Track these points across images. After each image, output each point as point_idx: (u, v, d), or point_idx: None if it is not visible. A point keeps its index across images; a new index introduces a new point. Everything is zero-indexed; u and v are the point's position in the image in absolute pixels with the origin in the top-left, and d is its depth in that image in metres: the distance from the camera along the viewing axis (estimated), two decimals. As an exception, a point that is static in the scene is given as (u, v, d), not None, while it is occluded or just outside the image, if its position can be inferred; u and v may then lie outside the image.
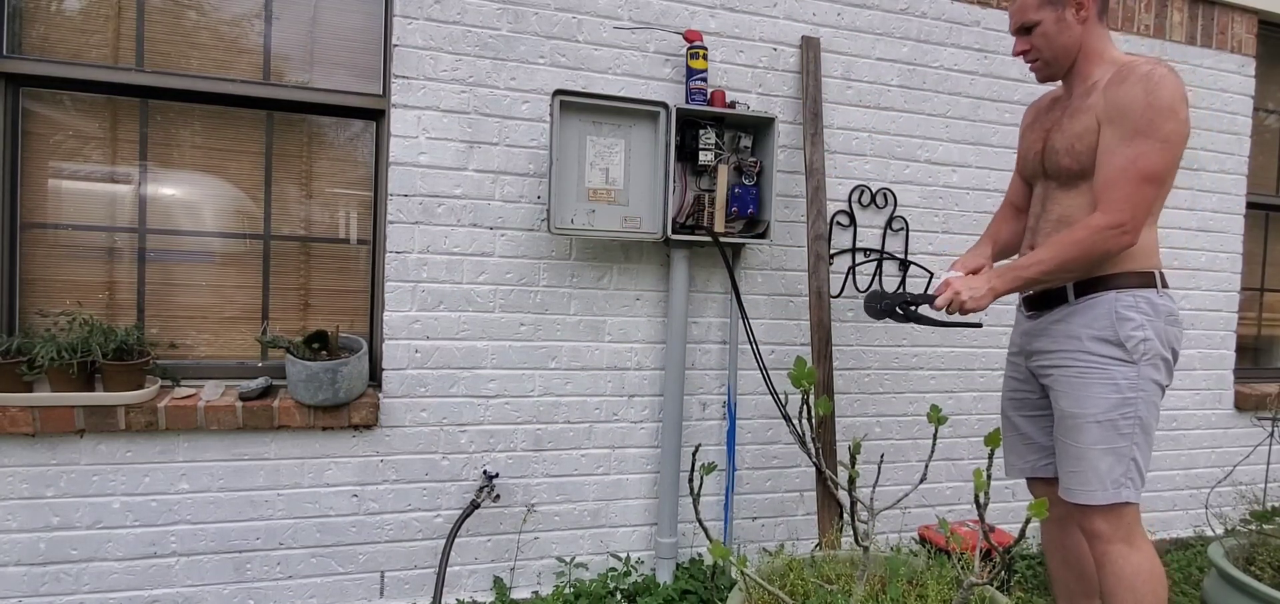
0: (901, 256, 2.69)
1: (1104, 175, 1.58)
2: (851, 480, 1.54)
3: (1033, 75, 1.80)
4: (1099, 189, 1.59)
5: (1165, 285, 1.67)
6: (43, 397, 1.97)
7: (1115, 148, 1.56)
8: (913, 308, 1.71)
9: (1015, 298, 1.92)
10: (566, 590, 2.36)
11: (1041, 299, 1.76)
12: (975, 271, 1.81)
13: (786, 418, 2.48)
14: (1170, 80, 1.53)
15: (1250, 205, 3.18)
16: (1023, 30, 1.72)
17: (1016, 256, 1.79)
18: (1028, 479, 1.96)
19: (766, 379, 2.47)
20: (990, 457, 1.41)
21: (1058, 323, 1.72)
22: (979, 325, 1.61)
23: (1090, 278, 1.66)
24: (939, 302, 1.67)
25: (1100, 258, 1.60)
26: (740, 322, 2.47)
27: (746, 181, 2.37)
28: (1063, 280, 1.68)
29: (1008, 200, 2.03)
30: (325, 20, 2.27)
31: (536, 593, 2.42)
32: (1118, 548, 1.65)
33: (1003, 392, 2.00)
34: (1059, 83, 1.81)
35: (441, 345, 2.29)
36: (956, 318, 1.71)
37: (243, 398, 2.11)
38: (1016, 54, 1.77)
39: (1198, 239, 3.09)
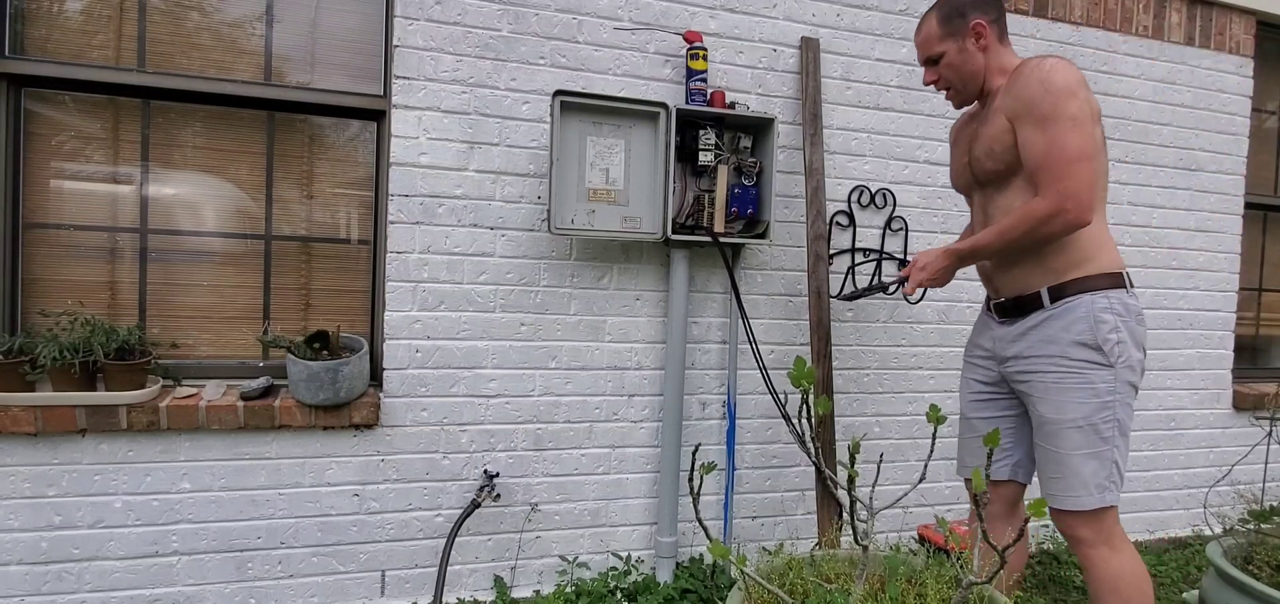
0: (901, 257, 2.70)
1: (1031, 166, 1.64)
2: (851, 480, 1.55)
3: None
4: (1032, 179, 1.65)
5: (1132, 285, 1.72)
6: (45, 396, 1.98)
7: (1033, 138, 1.63)
8: (876, 289, 2.29)
9: (979, 298, 1.91)
10: (567, 589, 2.37)
11: (1015, 306, 1.78)
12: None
13: (786, 418, 2.48)
14: (1062, 66, 1.61)
15: (1248, 205, 3.19)
16: (930, 62, 1.84)
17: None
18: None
19: (766, 379, 2.48)
20: (989, 456, 1.42)
21: (1033, 329, 1.73)
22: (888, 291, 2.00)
23: (1063, 282, 1.68)
24: (910, 288, 1.88)
25: (1044, 235, 1.63)
26: (740, 321, 2.48)
27: (746, 182, 2.38)
28: (1007, 254, 1.72)
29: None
30: (326, 21, 2.28)
31: (537, 592, 2.43)
32: (1101, 552, 1.69)
33: (962, 392, 2.00)
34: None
35: (442, 345, 2.29)
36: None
37: (244, 397, 2.12)
38: (927, 84, 1.88)
39: (1196, 239, 3.10)
